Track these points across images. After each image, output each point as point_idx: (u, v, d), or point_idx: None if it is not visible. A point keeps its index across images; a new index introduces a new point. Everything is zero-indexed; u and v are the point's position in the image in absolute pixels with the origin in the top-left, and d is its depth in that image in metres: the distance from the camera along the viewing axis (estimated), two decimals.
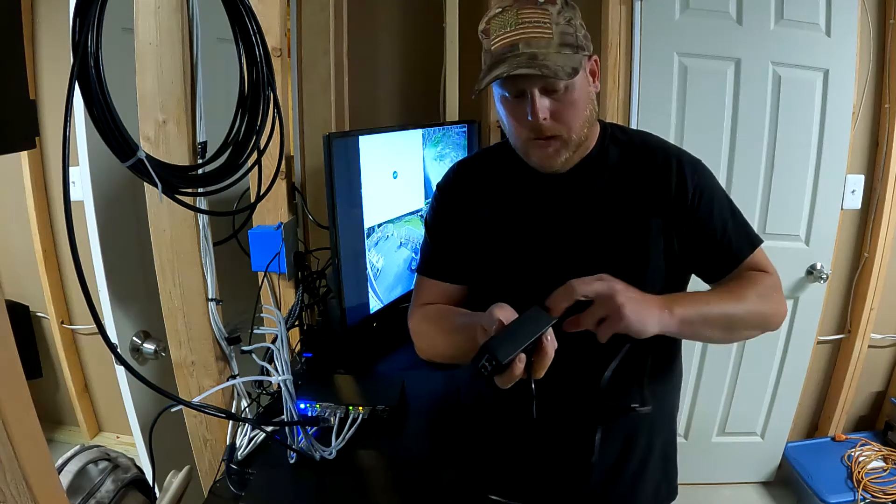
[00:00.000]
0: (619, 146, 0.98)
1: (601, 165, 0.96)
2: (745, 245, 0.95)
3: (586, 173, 0.96)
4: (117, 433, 2.53)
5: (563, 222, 0.96)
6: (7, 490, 0.52)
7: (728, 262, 0.94)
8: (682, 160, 0.95)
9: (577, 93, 0.87)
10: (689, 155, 0.97)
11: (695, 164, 0.96)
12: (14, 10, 0.56)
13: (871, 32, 1.94)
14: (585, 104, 0.89)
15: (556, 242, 0.96)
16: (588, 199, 0.96)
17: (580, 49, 0.86)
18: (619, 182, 0.95)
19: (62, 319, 2.37)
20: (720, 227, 0.94)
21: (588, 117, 0.90)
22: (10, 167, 2.19)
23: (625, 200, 0.94)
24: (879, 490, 2.02)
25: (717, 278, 0.96)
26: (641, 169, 0.95)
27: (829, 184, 1.99)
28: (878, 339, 2.22)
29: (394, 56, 2.11)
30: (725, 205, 0.96)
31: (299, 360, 1.36)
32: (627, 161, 0.96)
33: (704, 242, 0.94)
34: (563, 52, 0.84)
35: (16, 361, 0.53)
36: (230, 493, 0.95)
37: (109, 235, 1.38)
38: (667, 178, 0.94)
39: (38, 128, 1.89)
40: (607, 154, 0.97)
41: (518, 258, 0.98)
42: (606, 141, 0.98)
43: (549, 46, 0.83)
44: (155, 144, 0.99)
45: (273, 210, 1.37)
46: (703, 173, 0.96)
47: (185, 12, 0.95)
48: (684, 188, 0.93)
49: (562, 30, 0.84)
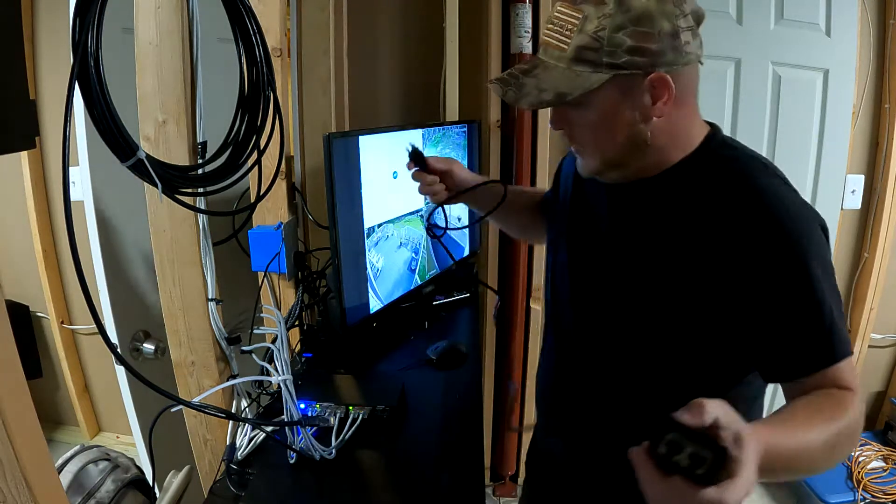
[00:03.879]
0: (711, 172, 0.78)
1: (667, 188, 0.81)
2: (824, 355, 0.71)
3: (644, 192, 0.83)
4: (117, 433, 2.53)
5: (602, 232, 0.89)
6: (7, 490, 0.52)
7: (791, 370, 0.74)
8: (782, 222, 0.71)
9: (597, 114, 0.76)
10: (797, 220, 0.72)
11: (796, 235, 0.71)
12: (14, 10, 0.56)
13: (871, 32, 1.94)
14: (615, 128, 0.76)
15: (587, 250, 0.92)
16: (636, 218, 0.84)
17: (611, 67, 0.71)
18: (682, 214, 0.79)
19: (62, 319, 2.36)
20: (796, 321, 0.72)
21: (624, 142, 0.77)
22: (10, 167, 2.19)
23: (679, 239, 0.78)
24: (879, 490, 2.02)
25: (775, 381, 0.78)
26: (719, 210, 0.75)
27: (829, 184, 1.99)
28: (878, 339, 2.22)
29: (394, 56, 2.11)
30: (814, 294, 0.71)
31: (299, 360, 1.36)
32: (708, 194, 0.77)
33: (765, 336, 0.74)
34: (575, 68, 0.73)
35: (16, 361, 0.53)
36: (230, 493, 0.95)
37: (109, 235, 1.38)
38: (745, 237, 0.72)
39: (38, 128, 1.89)
40: (684, 177, 0.80)
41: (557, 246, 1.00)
42: (697, 161, 0.80)
43: (558, 60, 0.74)
44: (155, 144, 0.98)
45: (273, 210, 1.36)
46: (802, 247, 0.71)
47: (185, 12, 0.95)
48: (761, 259, 0.71)
49: (584, 41, 0.72)
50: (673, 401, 0.56)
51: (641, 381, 0.86)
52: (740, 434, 0.51)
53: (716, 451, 0.49)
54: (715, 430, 0.52)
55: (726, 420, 0.52)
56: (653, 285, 0.81)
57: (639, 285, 0.83)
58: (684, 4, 0.72)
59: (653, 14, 0.70)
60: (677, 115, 0.77)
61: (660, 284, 0.80)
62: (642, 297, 0.82)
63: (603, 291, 0.89)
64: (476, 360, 1.44)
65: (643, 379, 0.86)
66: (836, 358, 0.71)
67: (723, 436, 0.51)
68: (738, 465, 0.50)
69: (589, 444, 0.96)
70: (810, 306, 0.71)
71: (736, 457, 0.50)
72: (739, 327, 0.76)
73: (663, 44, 0.71)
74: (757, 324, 0.74)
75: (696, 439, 0.50)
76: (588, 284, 0.92)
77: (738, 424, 0.52)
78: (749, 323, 0.74)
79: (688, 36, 0.72)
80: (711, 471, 0.49)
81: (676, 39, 0.71)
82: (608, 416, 0.92)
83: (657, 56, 0.71)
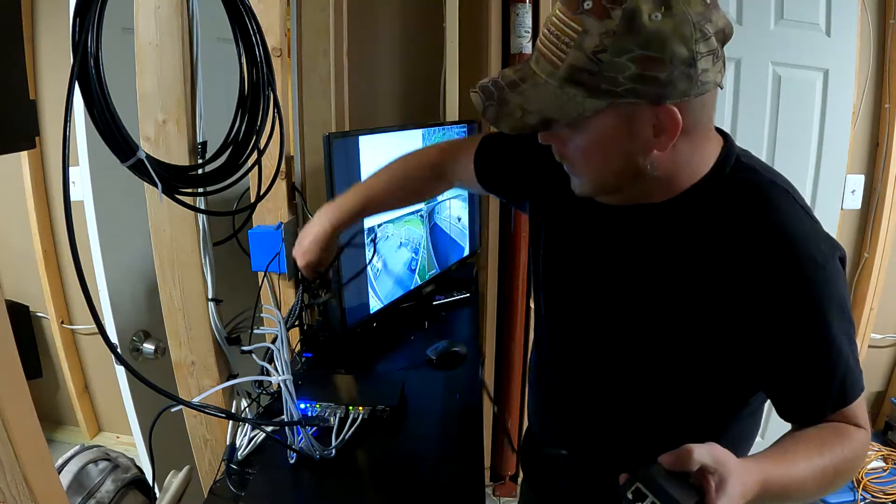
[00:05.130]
0: (729, 200, 0.71)
1: (677, 215, 0.74)
2: (833, 400, 0.70)
3: (650, 217, 0.76)
4: (117, 433, 2.53)
5: (599, 255, 0.83)
6: (7, 490, 0.52)
7: (802, 413, 0.72)
8: (800, 264, 0.67)
9: (589, 140, 0.67)
10: (816, 261, 0.67)
11: (813, 270, 0.67)
12: (14, 10, 0.56)
13: (871, 32, 1.94)
14: (609, 156, 0.69)
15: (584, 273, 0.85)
16: (636, 244, 0.78)
17: (610, 95, 0.61)
18: (695, 242, 0.73)
19: (62, 319, 2.36)
20: (807, 368, 0.69)
21: (619, 172, 0.70)
22: (10, 167, 2.19)
23: (690, 267, 0.73)
24: (879, 490, 2.02)
25: (786, 418, 0.75)
26: (735, 242, 0.70)
27: (829, 184, 1.99)
28: (878, 339, 2.22)
29: (394, 56, 2.11)
30: (829, 340, 0.68)
31: (299, 360, 1.36)
32: (726, 224, 0.71)
33: (777, 379, 0.72)
34: (567, 90, 0.62)
35: (16, 361, 0.53)
36: (230, 493, 0.94)
37: (109, 235, 1.38)
38: (762, 272, 0.68)
39: (38, 128, 1.89)
40: (697, 204, 0.73)
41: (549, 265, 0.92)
42: (712, 187, 0.72)
43: (550, 76, 0.64)
44: (155, 144, 0.98)
45: (273, 210, 1.36)
46: (818, 289, 0.67)
47: (185, 12, 0.95)
48: (780, 299, 0.67)
49: (580, 61, 0.61)
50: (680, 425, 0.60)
51: (645, 407, 0.84)
52: (724, 480, 0.55)
53: None
54: (702, 474, 0.56)
55: (714, 464, 0.56)
56: (659, 312, 0.76)
57: (643, 311, 0.78)
58: (707, 25, 0.60)
59: (666, 37, 0.58)
60: (686, 145, 0.68)
61: (666, 312, 0.76)
62: (644, 323, 0.78)
63: (603, 315, 0.85)
64: (476, 360, 1.44)
65: (647, 404, 0.84)
66: (847, 402, 0.70)
67: (709, 480, 0.55)
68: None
69: (593, 458, 0.95)
70: (825, 355, 0.68)
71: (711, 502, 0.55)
72: (750, 364, 0.73)
73: (675, 72, 0.60)
74: (769, 365, 0.72)
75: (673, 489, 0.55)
76: (588, 308, 0.87)
77: (725, 468, 0.56)
78: (761, 363, 0.72)
79: (707, 62, 0.61)
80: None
81: (692, 67, 0.60)
82: (613, 436, 0.90)
83: (666, 86, 0.60)
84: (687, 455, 0.56)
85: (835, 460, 0.66)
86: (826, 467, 0.66)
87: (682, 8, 0.59)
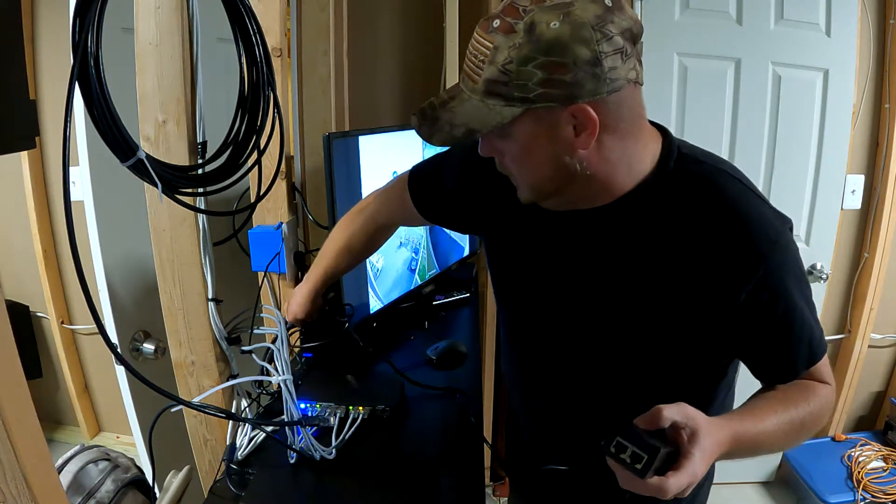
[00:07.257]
0: (682, 193, 0.76)
1: (629, 214, 0.77)
2: (804, 361, 0.77)
3: (601, 219, 0.79)
4: (117, 433, 2.53)
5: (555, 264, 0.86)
6: (7, 490, 0.52)
7: (778, 374, 0.79)
8: (758, 245, 0.72)
9: (517, 146, 0.72)
10: (769, 229, 0.73)
11: (769, 247, 0.72)
12: (14, 10, 0.56)
13: (871, 32, 1.94)
14: (537, 160, 0.73)
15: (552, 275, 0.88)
16: (590, 248, 0.82)
17: (523, 101, 0.66)
18: (654, 238, 0.77)
19: (62, 319, 2.37)
20: (777, 336, 0.76)
21: (552, 174, 0.74)
22: (10, 167, 2.19)
23: (651, 262, 0.77)
24: (879, 490, 2.02)
25: (762, 380, 0.82)
26: (692, 230, 0.74)
27: (829, 184, 1.99)
28: (878, 339, 2.22)
29: (394, 56, 2.11)
30: (792, 308, 0.75)
31: (299, 360, 1.36)
32: (684, 217, 0.75)
33: (752, 347, 0.79)
34: (487, 101, 0.68)
35: (16, 361, 0.53)
36: (230, 493, 0.95)
37: (109, 235, 1.38)
38: (722, 257, 0.73)
39: (38, 128, 1.89)
40: (649, 201, 0.76)
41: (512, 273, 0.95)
42: (662, 184, 0.76)
43: (473, 92, 0.69)
44: (155, 144, 0.98)
45: (273, 210, 1.36)
46: (775, 264, 0.73)
47: (185, 12, 0.95)
48: (742, 280, 0.72)
49: (494, 74, 0.66)
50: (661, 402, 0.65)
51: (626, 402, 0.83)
52: (695, 432, 0.61)
53: (650, 451, 0.59)
54: (675, 430, 0.62)
55: (684, 420, 0.62)
56: (624, 313, 0.81)
57: (609, 316, 0.83)
58: (609, 26, 0.64)
59: (566, 42, 0.63)
60: (614, 142, 0.72)
61: (631, 312, 0.80)
62: (612, 328, 0.83)
63: (570, 325, 0.88)
64: (476, 359, 1.44)
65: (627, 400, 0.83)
66: (815, 361, 0.78)
67: (681, 434, 0.62)
68: (683, 458, 0.60)
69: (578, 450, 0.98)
70: (790, 323, 0.76)
71: (685, 451, 0.61)
72: (720, 342, 0.79)
73: (580, 73, 0.64)
74: (741, 341, 0.78)
75: (650, 440, 0.60)
76: (553, 319, 0.90)
77: (695, 422, 0.62)
78: (733, 340, 0.78)
79: (614, 61, 0.65)
80: (647, 466, 0.59)
81: (598, 67, 0.64)
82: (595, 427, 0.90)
83: (574, 87, 0.65)
84: (658, 413, 0.62)
85: (801, 413, 0.74)
86: (793, 420, 0.73)
87: (579, 14, 0.63)
